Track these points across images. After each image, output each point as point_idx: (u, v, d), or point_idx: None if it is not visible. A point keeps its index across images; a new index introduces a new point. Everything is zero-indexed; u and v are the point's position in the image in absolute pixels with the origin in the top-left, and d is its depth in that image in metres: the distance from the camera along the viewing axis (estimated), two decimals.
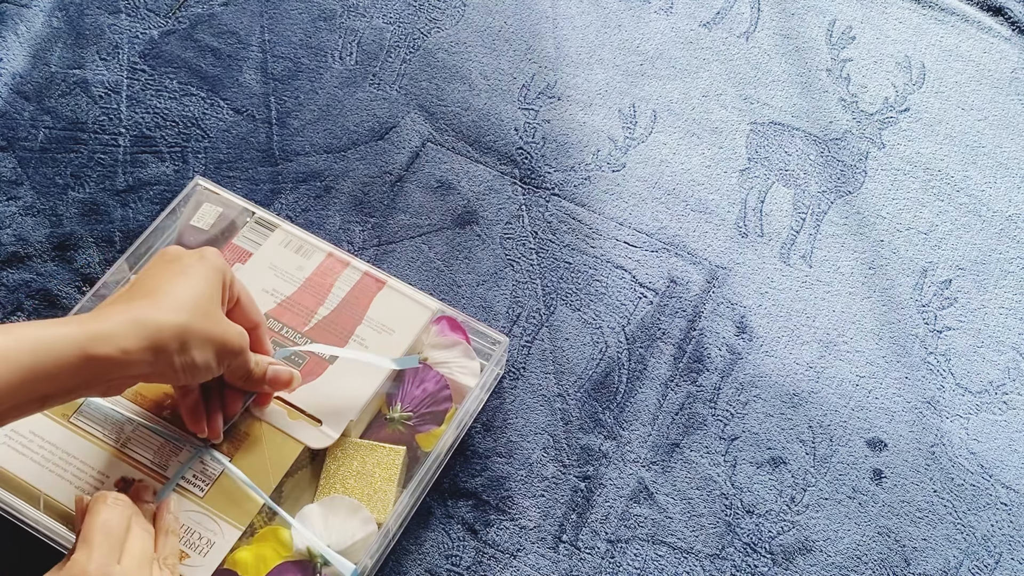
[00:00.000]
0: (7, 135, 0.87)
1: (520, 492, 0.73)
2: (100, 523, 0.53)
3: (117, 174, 0.86)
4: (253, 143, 0.89)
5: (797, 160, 0.91)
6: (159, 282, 0.55)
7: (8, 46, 0.92)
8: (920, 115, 0.95)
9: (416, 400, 0.70)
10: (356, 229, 0.85)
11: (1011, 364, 0.82)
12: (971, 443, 0.78)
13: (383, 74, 0.94)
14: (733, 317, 0.82)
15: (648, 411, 0.78)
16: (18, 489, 0.63)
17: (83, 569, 0.50)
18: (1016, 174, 0.92)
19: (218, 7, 0.96)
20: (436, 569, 0.70)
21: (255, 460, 0.65)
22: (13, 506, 0.63)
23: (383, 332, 0.72)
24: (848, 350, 0.82)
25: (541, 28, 0.98)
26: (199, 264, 0.57)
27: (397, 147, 0.89)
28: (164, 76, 0.92)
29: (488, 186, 0.88)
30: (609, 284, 0.83)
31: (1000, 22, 1.01)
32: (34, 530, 0.64)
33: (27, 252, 0.81)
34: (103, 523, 0.53)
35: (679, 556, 0.72)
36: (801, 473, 0.76)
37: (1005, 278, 0.86)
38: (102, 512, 0.53)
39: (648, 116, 0.93)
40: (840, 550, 0.73)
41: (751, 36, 0.99)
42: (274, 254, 0.75)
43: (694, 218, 0.87)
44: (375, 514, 0.65)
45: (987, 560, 0.73)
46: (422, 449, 0.70)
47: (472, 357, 0.73)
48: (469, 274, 0.83)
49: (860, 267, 0.86)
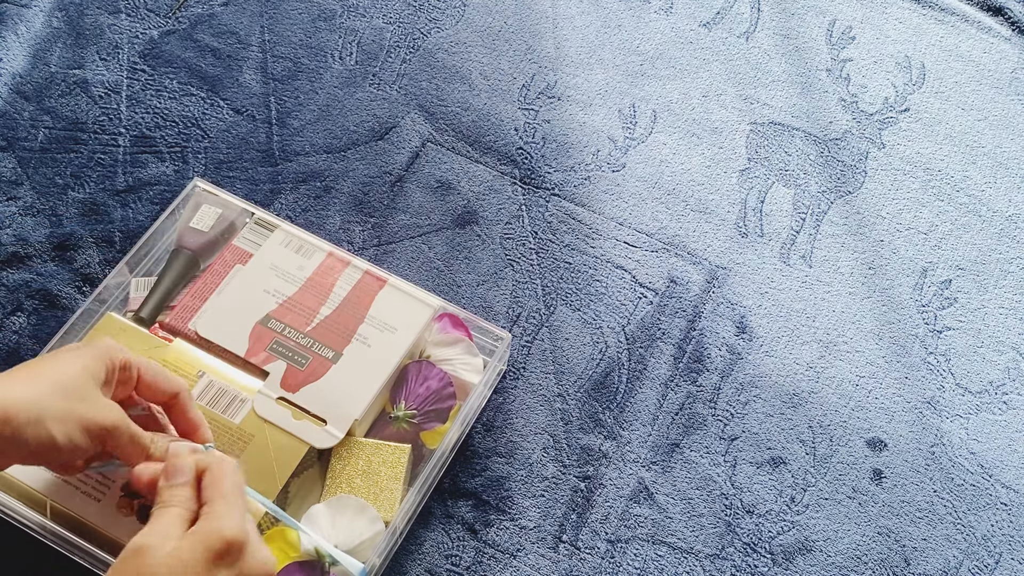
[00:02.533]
0: (7, 135, 0.87)
1: (520, 492, 0.74)
2: (234, 484, 0.52)
3: (117, 174, 0.86)
4: (253, 143, 0.89)
5: (797, 160, 0.92)
6: (29, 365, 0.54)
7: (8, 46, 0.92)
8: (920, 115, 0.95)
9: (420, 398, 0.70)
10: (356, 229, 0.85)
11: (1011, 364, 0.82)
12: (971, 443, 0.78)
13: (383, 74, 0.94)
14: (733, 317, 0.83)
15: (648, 411, 0.78)
16: (24, 495, 0.64)
17: (228, 525, 0.50)
18: (1016, 174, 0.92)
19: (218, 7, 0.96)
20: (436, 569, 0.70)
21: (261, 461, 0.65)
22: (20, 512, 0.63)
23: (385, 331, 0.72)
24: (848, 350, 0.82)
25: (541, 28, 0.98)
26: (77, 349, 0.56)
27: (397, 147, 0.89)
28: (164, 76, 0.92)
29: (488, 186, 0.88)
30: (609, 284, 0.83)
31: (1000, 22, 1.01)
32: (41, 536, 0.64)
33: (27, 252, 0.81)
34: (236, 485, 0.53)
35: (679, 556, 0.72)
36: (801, 473, 0.76)
37: (1005, 278, 0.86)
38: (231, 475, 0.53)
39: (648, 116, 0.93)
40: (840, 550, 0.73)
41: (751, 36, 0.99)
42: (275, 254, 0.75)
43: (694, 218, 0.87)
44: (382, 513, 0.65)
45: (987, 560, 0.74)
46: (427, 447, 0.70)
47: (475, 354, 0.73)
48: (469, 274, 0.83)
49: (860, 267, 0.86)
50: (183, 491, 0.52)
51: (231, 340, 0.70)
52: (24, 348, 0.77)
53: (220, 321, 0.71)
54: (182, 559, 0.48)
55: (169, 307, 0.74)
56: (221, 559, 0.48)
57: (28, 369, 0.53)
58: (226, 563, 0.49)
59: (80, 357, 0.54)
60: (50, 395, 0.52)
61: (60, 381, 0.52)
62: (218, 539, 0.49)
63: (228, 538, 0.49)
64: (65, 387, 0.53)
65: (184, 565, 0.48)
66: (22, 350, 0.77)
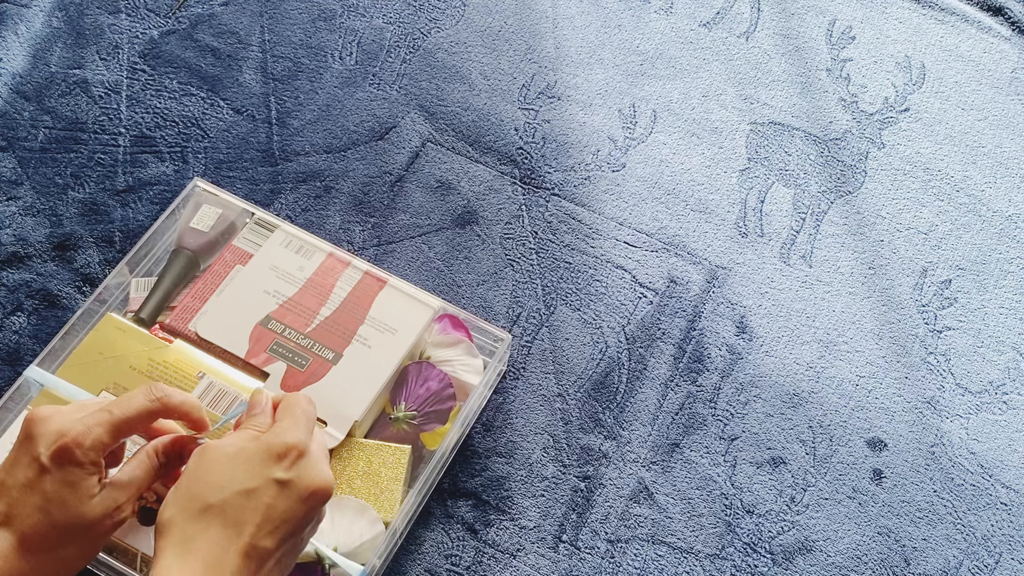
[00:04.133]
0: (7, 135, 0.87)
1: (520, 492, 0.74)
2: (304, 410, 0.56)
3: (117, 174, 0.86)
4: (253, 143, 0.88)
5: (797, 160, 0.92)
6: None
7: (8, 46, 0.92)
8: (920, 115, 0.95)
9: (420, 399, 0.70)
10: (356, 229, 0.85)
11: (1011, 364, 0.82)
12: (971, 443, 0.78)
13: (383, 74, 0.94)
14: (733, 317, 0.83)
15: (648, 411, 0.78)
16: None
17: (290, 434, 0.53)
18: (1016, 174, 0.92)
19: (218, 7, 0.96)
20: (436, 569, 0.70)
21: None
22: None
23: (385, 331, 0.72)
24: (848, 350, 0.82)
25: (541, 28, 0.98)
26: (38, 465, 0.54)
27: (397, 147, 0.89)
28: (164, 76, 0.92)
29: (488, 186, 0.88)
30: (609, 284, 0.83)
31: (1000, 22, 1.01)
32: None
33: (27, 252, 0.81)
34: (306, 412, 0.56)
35: (679, 556, 0.72)
36: (801, 473, 0.76)
37: (1005, 278, 0.86)
38: (303, 403, 0.56)
39: (648, 116, 0.93)
40: (840, 550, 0.73)
41: (751, 36, 0.99)
42: (275, 255, 0.75)
43: (694, 218, 0.87)
44: (382, 514, 0.65)
45: (987, 560, 0.74)
46: (427, 448, 0.70)
47: (475, 355, 0.73)
48: (469, 274, 0.83)
49: (860, 267, 0.86)
50: (259, 419, 0.56)
51: (231, 341, 0.71)
52: (24, 348, 0.77)
53: (220, 322, 0.71)
54: (243, 454, 0.52)
55: (169, 308, 0.74)
56: (279, 459, 0.52)
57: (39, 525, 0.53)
58: (283, 464, 0.52)
59: (74, 487, 0.53)
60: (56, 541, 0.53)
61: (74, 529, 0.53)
62: (279, 443, 0.52)
63: (289, 442, 0.53)
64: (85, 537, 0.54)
65: (245, 458, 0.52)
66: (22, 350, 0.77)
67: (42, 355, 0.69)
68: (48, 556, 0.52)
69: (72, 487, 0.53)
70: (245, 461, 0.52)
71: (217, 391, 0.68)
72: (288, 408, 0.56)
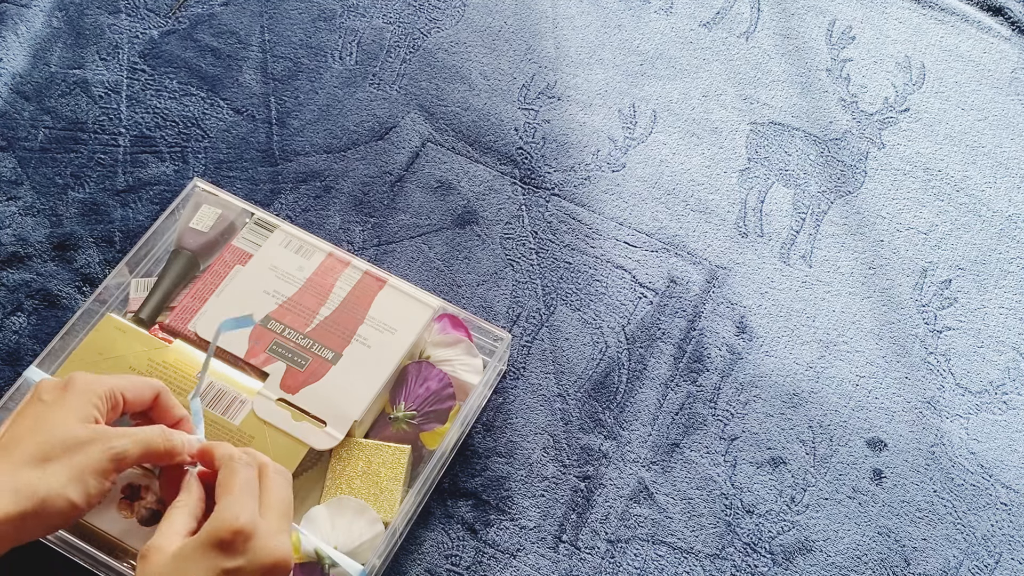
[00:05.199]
0: (7, 135, 0.87)
1: (520, 492, 0.74)
2: (242, 479, 0.53)
3: (117, 174, 0.86)
4: (253, 143, 0.89)
5: (797, 160, 0.91)
6: (24, 436, 0.53)
7: (8, 46, 0.92)
8: (920, 115, 0.95)
9: (420, 399, 0.70)
10: (356, 229, 0.85)
11: (1011, 364, 0.82)
12: (971, 443, 0.78)
13: (383, 74, 0.94)
14: (733, 317, 0.83)
15: (648, 411, 0.78)
16: None
17: (230, 516, 0.51)
18: (1016, 174, 0.92)
19: (218, 7, 0.96)
20: (436, 569, 0.70)
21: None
22: None
23: (385, 331, 0.72)
24: (848, 350, 0.82)
25: (541, 28, 0.98)
26: (63, 399, 0.55)
27: (397, 147, 0.89)
28: (164, 76, 0.92)
29: (488, 186, 0.88)
30: (609, 284, 0.83)
31: (1000, 22, 1.01)
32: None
33: (27, 252, 0.81)
34: (245, 478, 0.54)
35: (679, 556, 0.72)
36: (801, 473, 0.76)
37: (1005, 278, 0.86)
38: (241, 471, 0.54)
39: (648, 116, 0.93)
40: (840, 550, 0.73)
41: (751, 36, 0.99)
42: (274, 255, 0.75)
43: (694, 218, 0.87)
44: (382, 514, 0.65)
45: (987, 560, 0.74)
46: (427, 447, 0.70)
47: (475, 354, 0.73)
48: (469, 274, 0.83)
49: (860, 267, 0.86)
50: (190, 499, 0.54)
51: (231, 341, 0.70)
52: (24, 348, 0.77)
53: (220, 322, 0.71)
54: (184, 553, 0.49)
55: (169, 308, 0.74)
56: (225, 549, 0.50)
57: (29, 442, 0.53)
58: (230, 553, 0.50)
59: (70, 410, 0.54)
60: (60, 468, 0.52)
61: (64, 443, 0.52)
62: (223, 530, 0.50)
63: (233, 527, 0.50)
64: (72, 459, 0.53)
65: (185, 557, 0.49)
66: (22, 350, 0.77)
67: (42, 355, 0.69)
68: (30, 473, 0.51)
69: (67, 408, 0.53)
70: (186, 560, 0.50)
71: (217, 391, 0.68)
72: (224, 484, 0.53)
